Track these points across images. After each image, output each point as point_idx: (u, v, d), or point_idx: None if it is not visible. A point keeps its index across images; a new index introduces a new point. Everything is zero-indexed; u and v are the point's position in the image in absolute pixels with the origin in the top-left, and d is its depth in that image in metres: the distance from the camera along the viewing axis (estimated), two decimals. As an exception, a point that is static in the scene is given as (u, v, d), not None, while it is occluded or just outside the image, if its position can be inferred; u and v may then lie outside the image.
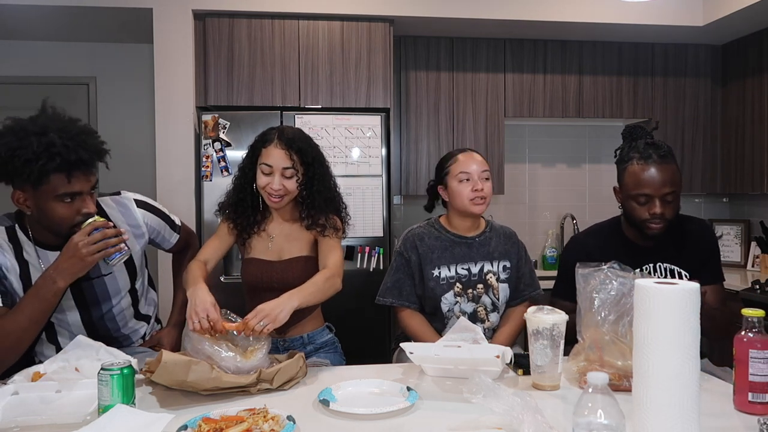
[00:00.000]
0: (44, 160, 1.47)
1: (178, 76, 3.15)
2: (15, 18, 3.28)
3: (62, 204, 1.55)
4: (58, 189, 1.52)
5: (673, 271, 1.87)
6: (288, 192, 1.78)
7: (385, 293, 2.03)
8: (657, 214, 1.72)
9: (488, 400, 1.13)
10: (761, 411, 1.23)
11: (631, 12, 3.41)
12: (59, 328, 1.73)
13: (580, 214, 4.00)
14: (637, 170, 1.75)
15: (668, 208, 1.74)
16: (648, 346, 1.05)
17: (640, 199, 1.74)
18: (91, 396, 1.25)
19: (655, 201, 1.72)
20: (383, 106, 3.25)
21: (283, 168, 1.76)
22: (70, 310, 1.71)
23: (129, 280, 1.79)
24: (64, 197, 1.54)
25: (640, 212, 1.76)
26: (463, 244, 2.02)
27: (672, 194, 1.73)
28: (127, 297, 1.81)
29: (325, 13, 3.20)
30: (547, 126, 4.07)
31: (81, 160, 1.52)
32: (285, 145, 1.77)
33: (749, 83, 3.63)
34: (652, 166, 1.73)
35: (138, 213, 1.80)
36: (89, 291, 1.71)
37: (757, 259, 3.69)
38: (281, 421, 1.17)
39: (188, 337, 1.48)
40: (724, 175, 3.85)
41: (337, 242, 1.85)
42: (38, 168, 1.48)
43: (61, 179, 1.52)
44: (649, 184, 1.72)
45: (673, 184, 1.72)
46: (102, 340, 1.68)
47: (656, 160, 1.73)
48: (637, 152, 1.77)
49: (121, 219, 1.76)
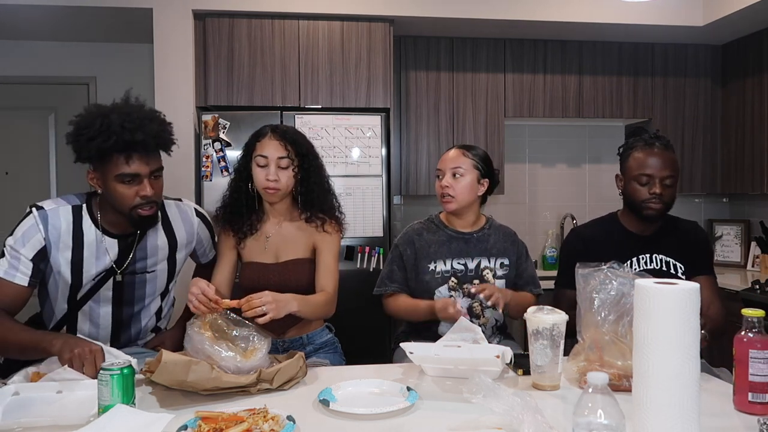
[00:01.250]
0: (102, 138, 1.56)
1: (178, 76, 3.15)
2: (15, 18, 3.28)
3: (122, 184, 1.62)
4: (118, 169, 1.60)
5: (668, 263, 1.93)
6: (283, 184, 1.79)
7: (380, 284, 2.07)
8: (657, 193, 1.84)
9: (488, 400, 1.13)
10: (761, 411, 1.23)
11: (631, 12, 3.41)
12: (82, 323, 1.75)
13: (580, 214, 4.00)
14: (641, 154, 1.89)
15: (667, 191, 1.86)
16: (648, 346, 1.05)
17: (642, 179, 1.86)
18: (92, 397, 1.25)
19: (656, 181, 1.85)
20: (383, 106, 3.25)
21: (278, 157, 1.78)
22: (105, 303, 1.75)
23: (166, 282, 1.85)
24: (124, 177, 1.61)
25: (641, 193, 1.87)
26: (461, 239, 2.02)
27: (671, 179, 1.86)
28: (157, 300, 1.86)
29: (325, 13, 3.20)
30: (547, 126, 4.06)
31: (137, 141, 1.58)
32: (279, 137, 1.81)
33: (749, 83, 3.63)
34: (656, 150, 1.87)
35: (195, 221, 1.90)
36: (129, 287, 1.76)
37: (757, 259, 3.68)
38: (281, 421, 1.17)
39: (188, 337, 1.47)
40: (724, 175, 3.85)
41: (335, 245, 1.86)
42: (96, 146, 1.57)
43: (121, 160, 1.59)
44: (652, 165, 1.86)
45: (673, 170, 1.86)
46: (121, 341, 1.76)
47: (659, 147, 1.88)
48: (642, 141, 1.91)
49: (180, 223, 1.85)
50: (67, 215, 1.67)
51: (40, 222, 1.63)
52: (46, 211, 1.65)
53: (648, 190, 1.86)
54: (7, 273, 1.60)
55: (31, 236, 1.62)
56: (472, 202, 2.00)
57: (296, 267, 1.83)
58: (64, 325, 1.75)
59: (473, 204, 2.01)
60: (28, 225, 1.63)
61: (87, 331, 1.74)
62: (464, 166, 1.98)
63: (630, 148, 1.93)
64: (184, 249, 1.87)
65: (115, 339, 1.78)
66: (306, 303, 1.69)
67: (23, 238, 1.62)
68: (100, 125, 1.57)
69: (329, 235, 1.85)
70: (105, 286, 1.72)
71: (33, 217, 1.64)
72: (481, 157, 2.03)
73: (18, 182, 3.85)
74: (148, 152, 1.63)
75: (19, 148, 3.81)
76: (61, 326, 1.75)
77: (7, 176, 3.86)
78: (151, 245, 1.78)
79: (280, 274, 1.82)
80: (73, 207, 1.69)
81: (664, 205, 1.87)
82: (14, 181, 3.88)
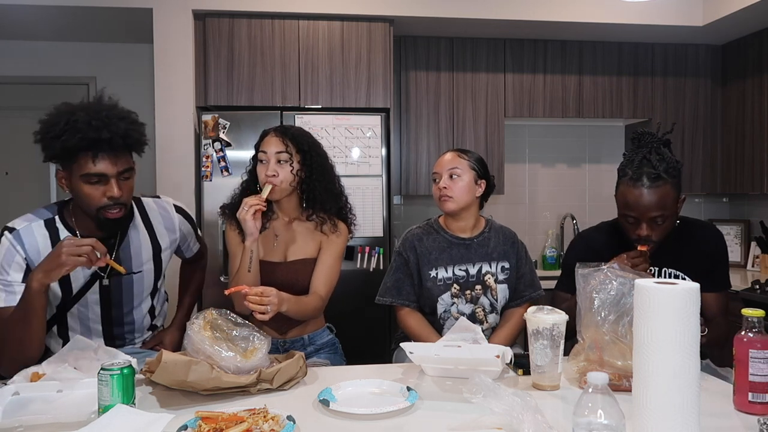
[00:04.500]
0: (67, 136, 1.52)
1: (178, 76, 3.15)
2: (15, 18, 3.28)
3: (89, 185, 1.57)
4: (84, 168, 1.55)
5: (677, 277, 1.83)
6: (281, 179, 1.79)
7: (385, 293, 2.03)
8: (642, 236, 1.70)
9: (488, 400, 1.13)
10: (761, 411, 1.23)
11: (631, 12, 3.41)
12: (73, 324, 1.73)
13: (580, 214, 4.00)
14: (625, 191, 1.71)
15: (657, 230, 1.70)
16: (648, 346, 1.05)
17: (629, 219, 1.72)
18: (93, 395, 1.25)
19: (641, 224, 1.70)
20: (383, 106, 3.25)
21: (276, 152, 1.79)
22: (94, 305, 1.72)
23: (153, 281, 1.83)
24: (91, 177, 1.56)
25: (629, 231, 1.74)
26: (461, 245, 2.01)
27: (661, 217, 1.68)
28: (148, 300, 1.84)
29: (325, 13, 3.20)
30: (547, 126, 4.06)
31: (103, 139, 1.54)
32: (279, 133, 1.83)
33: (749, 83, 3.63)
34: (642, 188, 1.67)
35: (176, 217, 1.88)
36: (117, 290, 1.74)
37: (757, 259, 3.68)
38: (281, 421, 1.17)
39: (188, 337, 1.47)
40: (724, 175, 3.85)
41: (338, 248, 1.86)
42: (61, 144, 1.53)
43: (87, 159, 1.55)
44: (636, 208, 1.69)
45: (661, 208, 1.67)
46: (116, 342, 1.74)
47: (645, 183, 1.67)
48: (631, 169, 1.72)
49: (160, 221, 1.83)
50: (41, 230, 1.63)
51: (16, 243, 1.59)
52: (19, 231, 1.61)
53: (634, 230, 1.71)
54: (6, 300, 1.56)
55: (11, 260, 1.58)
56: (470, 204, 2.00)
57: (304, 267, 1.84)
58: (53, 326, 1.72)
59: (472, 206, 2.01)
60: (4, 250, 1.59)
61: (78, 331, 1.72)
62: (461, 167, 1.98)
63: (620, 175, 1.75)
64: (169, 248, 1.85)
65: (109, 339, 1.75)
66: (296, 304, 1.72)
67: (4, 263, 1.58)
68: (65, 123, 1.53)
69: (331, 237, 1.85)
70: (92, 290, 1.70)
71: (7, 241, 1.59)
72: (477, 159, 2.04)
73: (18, 182, 3.86)
74: (116, 152, 1.58)
75: (19, 148, 3.80)
76: (50, 327, 1.72)
77: (7, 176, 3.86)
78: (134, 246, 1.75)
79: (287, 273, 1.83)
80: (46, 221, 1.65)
81: (654, 245, 1.72)
82: (14, 181, 3.88)
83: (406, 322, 2.00)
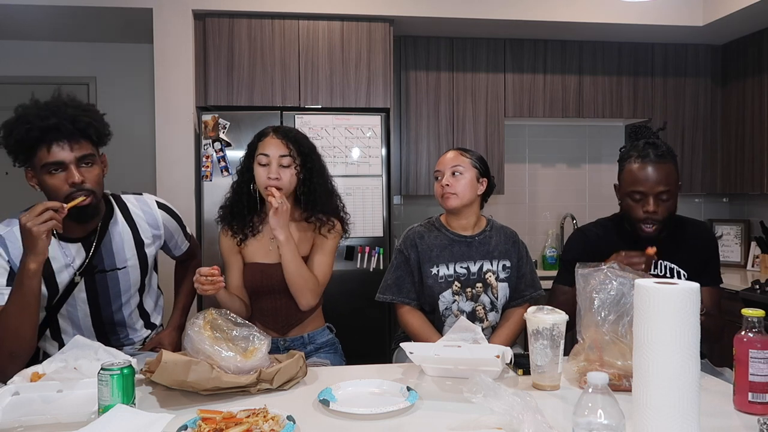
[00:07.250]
0: (17, 129, 1.55)
1: (178, 76, 3.15)
2: (15, 18, 3.28)
3: (49, 175, 1.58)
4: (42, 159, 1.57)
5: (672, 270, 1.89)
6: (285, 182, 1.78)
7: (385, 290, 2.03)
8: (650, 211, 1.75)
9: (488, 400, 1.13)
10: (761, 411, 1.23)
11: (631, 12, 3.41)
12: (64, 325, 1.73)
13: (580, 214, 4.00)
14: (633, 168, 1.79)
15: (662, 206, 1.77)
16: (648, 346, 1.05)
17: (635, 196, 1.78)
18: (93, 395, 1.25)
19: (649, 199, 1.76)
20: (383, 106, 3.25)
21: (280, 156, 1.78)
22: (82, 304, 1.72)
23: (140, 277, 1.81)
24: (50, 167, 1.57)
25: (635, 210, 1.79)
26: (463, 242, 2.02)
27: (666, 193, 1.76)
28: (136, 296, 1.83)
29: (325, 13, 3.20)
30: (547, 126, 4.07)
31: (50, 126, 1.55)
32: (281, 136, 1.81)
33: (749, 83, 3.63)
34: (649, 164, 1.76)
35: (158, 213, 1.85)
36: (102, 286, 1.73)
37: (757, 259, 3.69)
38: (281, 421, 1.17)
39: (188, 337, 1.47)
40: (724, 175, 3.85)
41: (331, 244, 1.86)
42: (14, 139, 1.56)
43: (43, 150, 1.57)
44: (644, 182, 1.76)
45: (667, 183, 1.76)
46: (110, 340, 1.72)
47: (653, 159, 1.77)
48: (636, 151, 1.81)
49: (141, 217, 1.81)
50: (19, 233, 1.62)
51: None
52: (2, 236, 1.62)
53: (642, 207, 1.77)
54: None
55: None
56: (472, 201, 2.00)
57: None
58: (46, 329, 1.72)
59: (473, 204, 2.02)
60: None
61: (70, 333, 1.71)
62: (463, 164, 2.00)
63: (624, 159, 1.84)
64: (153, 243, 1.83)
65: (102, 337, 1.74)
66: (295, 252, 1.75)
67: None
68: (16, 118, 1.56)
69: (326, 235, 1.85)
70: (78, 288, 1.70)
71: None
72: (478, 158, 2.06)
73: (18, 182, 3.84)
74: (70, 138, 1.57)
75: (19, 148, 3.81)
76: (43, 331, 1.72)
77: (7, 176, 3.85)
78: (116, 242, 1.74)
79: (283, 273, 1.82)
80: None
81: (660, 225, 1.78)
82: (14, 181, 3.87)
83: (406, 320, 2.00)
